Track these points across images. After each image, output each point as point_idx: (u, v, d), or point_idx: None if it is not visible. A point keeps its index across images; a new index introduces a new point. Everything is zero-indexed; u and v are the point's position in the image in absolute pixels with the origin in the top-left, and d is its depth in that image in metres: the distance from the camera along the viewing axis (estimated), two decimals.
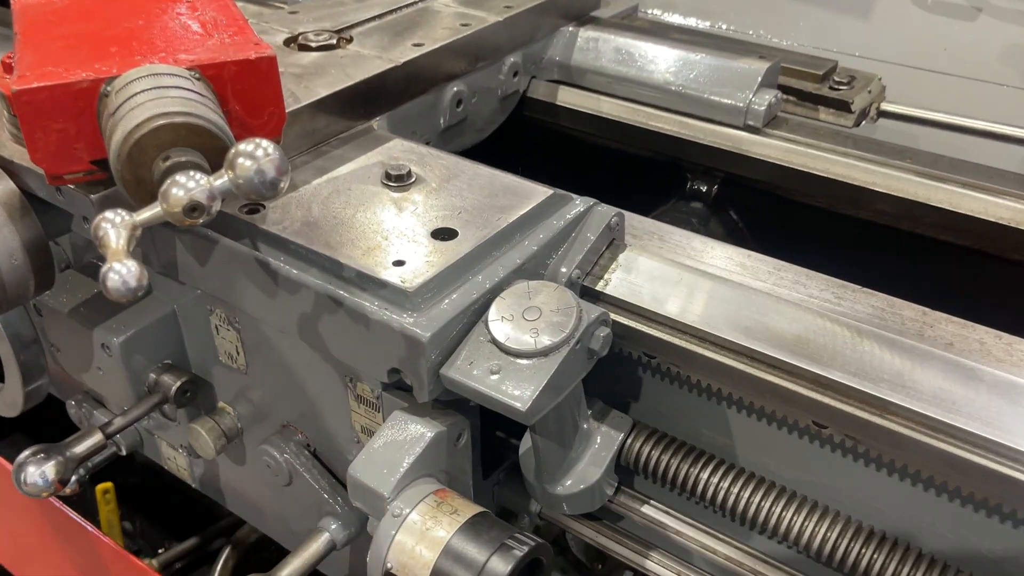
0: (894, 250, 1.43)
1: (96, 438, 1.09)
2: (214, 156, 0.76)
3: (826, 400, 0.92)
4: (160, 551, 2.18)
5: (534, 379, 0.89)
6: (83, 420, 1.48)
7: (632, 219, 1.19)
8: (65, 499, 2.15)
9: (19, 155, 1.02)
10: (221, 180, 0.71)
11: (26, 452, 1.05)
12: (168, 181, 0.70)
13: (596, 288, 1.07)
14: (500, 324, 0.93)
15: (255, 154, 0.71)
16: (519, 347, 0.91)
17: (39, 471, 1.04)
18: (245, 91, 0.85)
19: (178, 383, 1.17)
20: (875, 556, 0.99)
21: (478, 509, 0.90)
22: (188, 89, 0.78)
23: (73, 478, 1.34)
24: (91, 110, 0.80)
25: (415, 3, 1.54)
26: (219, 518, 2.22)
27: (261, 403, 1.17)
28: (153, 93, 0.76)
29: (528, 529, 1.44)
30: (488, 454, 1.17)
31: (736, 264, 1.09)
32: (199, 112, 0.75)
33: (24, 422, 1.56)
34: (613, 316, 1.04)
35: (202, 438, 1.19)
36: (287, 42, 1.36)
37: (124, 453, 1.42)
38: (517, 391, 0.88)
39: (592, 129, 1.63)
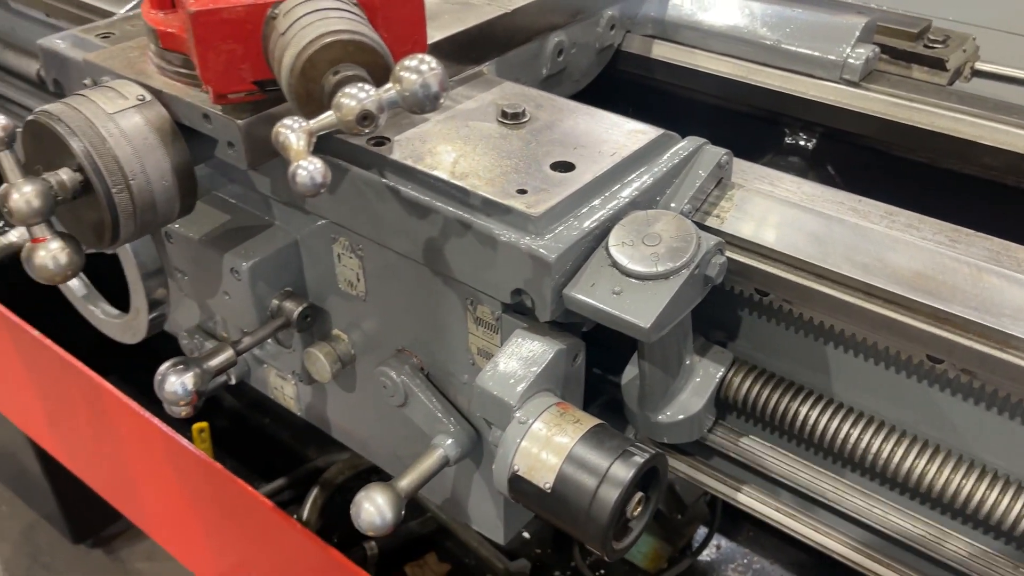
0: (999, 206, 1.44)
1: (228, 353, 1.17)
2: (375, 73, 0.81)
3: (945, 334, 0.95)
4: None
5: (655, 299, 0.94)
6: (192, 351, 1.57)
7: (742, 164, 1.22)
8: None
9: (168, 86, 1.09)
10: (388, 92, 0.77)
11: (166, 364, 1.13)
12: (340, 92, 0.76)
13: (707, 224, 1.11)
14: (620, 248, 0.98)
15: (420, 68, 0.77)
16: (640, 269, 0.95)
17: (179, 380, 1.11)
18: (393, 19, 0.91)
19: (300, 308, 1.23)
20: (986, 494, 1.02)
21: (598, 421, 0.95)
22: (350, 12, 0.83)
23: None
24: (258, 32, 0.87)
25: None
26: (306, 461, 2.32)
27: (378, 329, 1.24)
28: (320, 15, 0.82)
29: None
30: (584, 390, 1.22)
31: (848, 208, 1.11)
32: (364, 31, 0.81)
33: None
34: (729, 253, 1.08)
35: (320, 362, 1.26)
36: None
37: (234, 382, 1.51)
38: (639, 309, 0.93)
39: (686, 83, 1.66)
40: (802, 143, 1.65)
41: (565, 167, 1.07)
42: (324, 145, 1.12)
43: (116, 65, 1.15)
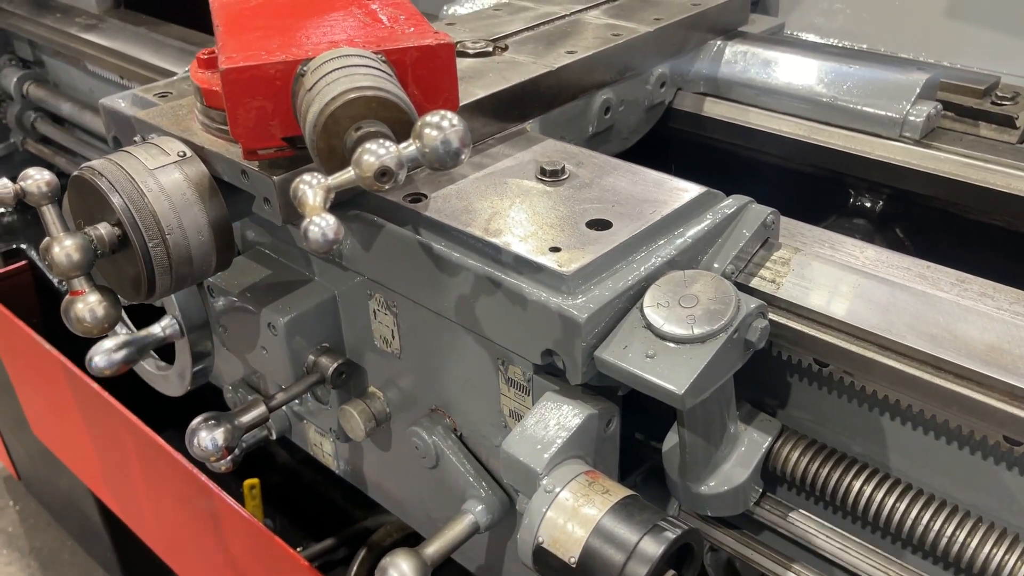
0: None
1: (260, 410, 1.16)
2: (399, 129, 0.81)
3: (1023, 414, 0.88)
4: (298, 549, 2.26)
5: (691, 364, 0.89)
6: (236, 405, 1.58)
7: (801, 226, 1.18)
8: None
9: (210, 143, 1.11)
10: (409, 148, 0.76)
11: (198, 419, 1.13)
12: (360, 148, 0.75)
13: (762, 290, 1.06)
14: (655, 310, 0.94)
15: (441, 124, 0.76)
16: (675, 332, 0.91)
17: (210, 436, 1.11)
18: (423, 76, 0.90)
19: (335, 364, 1.22)
20: None
21: (629, 492, 0.90)
22: (377, 68, 0.83)
23: (228, 458, 1.44)
24: (287, 89, 0.87)
25: (566, 16, 1.59)
26: (355, 521, 2.29)
27: (412, 387, 1.21)
28: (346, 71, 0.82)
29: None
30: (625, 456, 1.17)
31: (915, 275, 1.06)
32: (388, 88, 0.80)
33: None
34: (785, 321, 1.03)
35: (353, 419, 1.25)
36: None
37: (274, 437, 1.50)
38: (674, 374, 0.89)
39: (742, 141, 1.62)
40: (868, 204, 1.58)
41: (602, 225, 1.04)
42: (362, 201, 1.13)
43: (164, 122, 1.18)
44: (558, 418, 0.95)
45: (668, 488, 1.15)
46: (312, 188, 0.76)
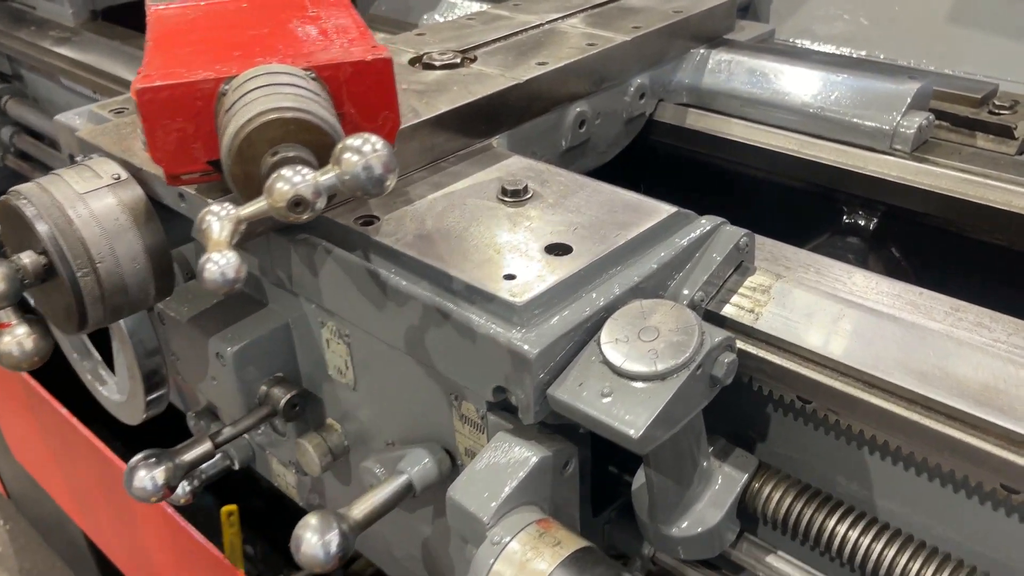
0: None
1: (206, 447, 1.09)
2: (325, 154, 0.74)
3: (1022, 461, 0.80)
4: None
5: (649, 404, 0.82)
6: (202, 432, 1.51)
7: (786, 250, 1.10)
8: (191, 518, 2.21)
9: (148, 163, 1.04)
10: (327, 175, 0.69)
11: (138, 456, 1.06)
12: (274, 175, 0.68)
13: (740, 321, 0.98)
14: (614, 345, 0.86)
15: (362, 149, 0.69)
16: (634, 369, 0.84)
17: (149, 475, 1.04)
18: (360, 93, 0.84)
19: (287, 396, 1.16)
20: None
21: (583, 543, 0.83)
22: (301, 87, 0.77)
23: (187, 487, 1.37)
24: (209, 110, 0.81)
25: (542, 25, 1.52)
26: None
27: (368, 421, 1.15)
28: (266, 90, 0.75)
29: (640, 574, 1.35)
30: (599, 490, 1.10)
31: (906, 303, 0.98)
32: (309, 108, 0.74)
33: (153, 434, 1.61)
34: (764, 355, 0.96)
35: (308, 454, 1.18)
36: (412, 61, 1.36)
37: (237, 467, 1.43)
38: (629, 416, 0.81)
39: (727, 155, 1.54)
40: (861, 223, 1.50)
41: (562, 250, 0.97)
42: (310, 224, 1.06)
43: (105, 141, 1.12)
44: (509, 461, 0.88)
45: (639, 529, 1.07)
46: (219, 220, 0.70)
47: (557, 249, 0.97)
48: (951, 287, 1.12)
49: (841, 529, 0.98)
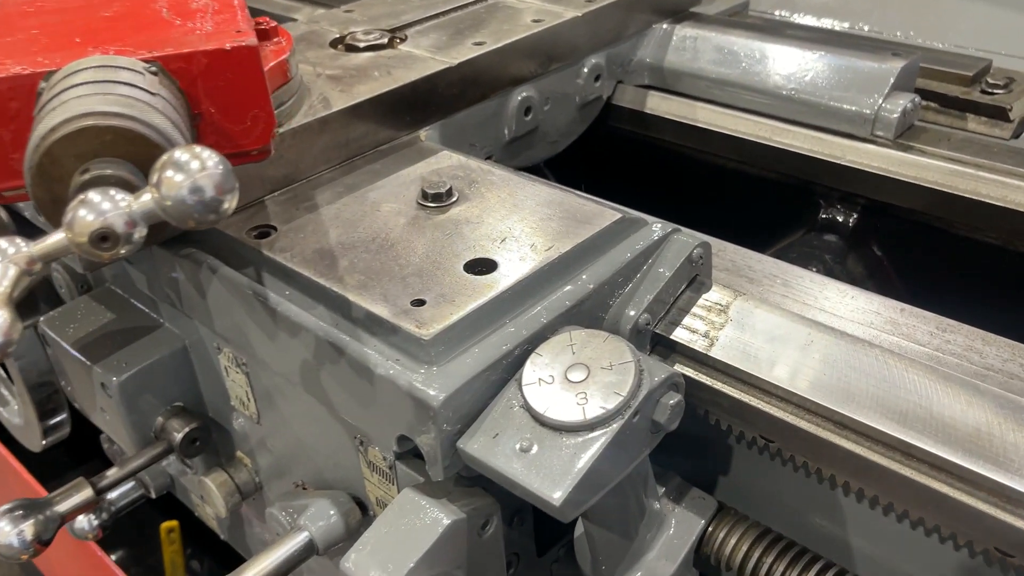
0: None
1: (86, 494, 0.95)
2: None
3: (1018, 523, 0.67)
4: None
5: (574, 462, 0.68)
6: (116, 457, 1.37)
7: (750, 257, 0.96)
8: (127, 536, 2.07)
9: None
10: (142, 200, 0.54)
11: (2, 508, 0.92)
12: (77, 200, 0.53)
13: (692, 347, 0.84)
14: (536, 386, 0.72)
15: (188, 166, 0.54)
16: (558, 418, 0.70)
17: (16, 530, 0.90)
18: (219, 89, 0.69)
19: (185, 430, 1.01)
20: None
21: None
22: (130, 84, 0.62)
23: (95, 522, 1.23)
24: (28, 111, 0.66)
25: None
26: None
27: (276, 458, 1.01)
28: (84, 89, 0.60)
29: None
30: (545, 526, 0.96)
31: (885, 320, 0.84)
32: (134, 113, 0.59)
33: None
34: (720, 387, 0.82)
35: (212, 494, 1.04)
36: (334, 43, 1.21)
37: (154, 496, 1.29)
38: (551, 478, 0.67)
39: (694, 143, 1.40)
40: (840, 218, 1.36)
41: (484, 267, 0.83)
42: (197, 235, 0.92)
43: None
44: (415, 526, 0.74)
45: None
46: (3, 261, 0.55)
47: (479, 266, 0.83)
48: (939, 291, 0.98)
49: None
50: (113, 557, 2.05)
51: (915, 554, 0.83)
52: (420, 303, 0.78)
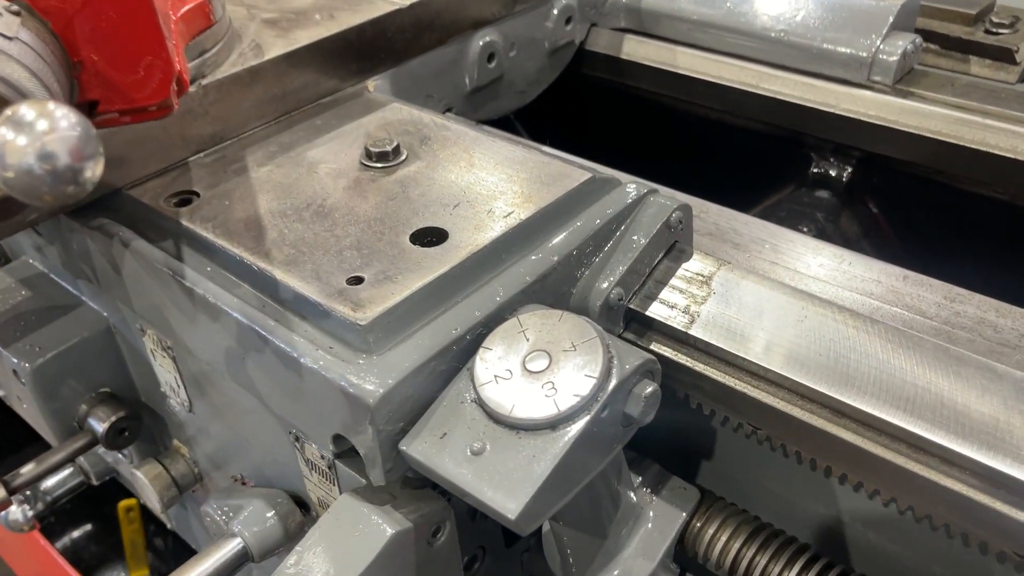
0: None
1: None
2: None
3: None
4: None
5: (532, 468, 0.58)
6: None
7: (735, 219, 0.86)
8: (88, 517, 1.98)
9: None
10: None
11: None
12: None
13: (670, 324, 0.74)
14: (494, 385, 0.62)
15: (34, 127, 0.43)
16: (514, 415, 0.60)
17: None
18: (103, 32, 0.57)
19: (111, 420, 0.91)
20: None
21: None
22: None
23: (30, 512, 1.14)
24: None
25: None
26: None
27: (213, 449, 0.91)
28: None
29: None
30: None
31: (887, 289, 0.75)
32: None
33: None
34: (702, 369, 0.72)
35: (147, 489, 0.94)
36: None
37: (95, 483, 1.20)
38: (506, 487, 0.58)
39: (674, 92, 1.29)
40: (833, 173, 1.25)
41: (433, 237, 0.73)
42: (111, 203, 0.81)
43: None
44: (354, 537, 0.64)
45: None
46: None
47: (427, 236, 0.73)
48: (940, 252, 0.89)
49: None
50: (72, 537, 1.96)
51: (919, 549, 0.75)
52: (357, 281, 0.68)
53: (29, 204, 0.45)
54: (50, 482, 1.16)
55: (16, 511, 1.11)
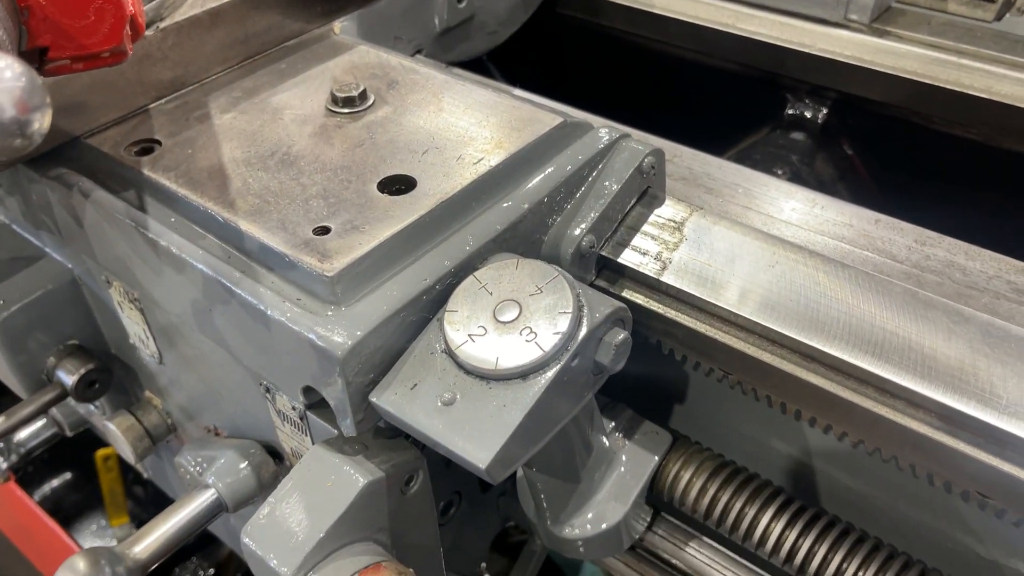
0: None
1: None
2: None
3: (1004, 467, 0.59)
4: None
5: (503, 417, 0.58)
6: None
7: (708, 163, 0.85)
8: (68, 464, 1.97)
9: None
10: None
11: None
12: None
13: (641, 271, 0.74)
14: (460, 327, 0.62)
15: None
16: (484, 365, 0.60)
17: None
18: None
19: (80, 373, 0.90)
20: None
21: None
22: None
23: (3, 463, 1.14)
24: None
25: None
26: None
27: (185, 400, 0.90)
28: None
29: (541, 550, 1.16)
30: None
31: (858, 233, 0.75)
32: None
33: None
34: (673, 315, 0.72)
35: (120, 440, 0.94)
36: None
37: (69, 434, 1.19)
38: (477, 437, 0.58)
39: (649, 32, 1.26)
40: (808, 114, 1.24)
41: (401, 185, 0.71)
42: (71, 152, 0.79)
43: None
44: (326, 487, 0.65)
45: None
46: None
47: (395, 184, 0.71)
48: (914, 193, 0.89)
49: (774, 527, 0.78)
50: (51, 486, 1.97)
51: (887, 489, 0.77)
52: (324, 231, 0.66)
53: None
54: (23, 434, 1.15)
55: None
